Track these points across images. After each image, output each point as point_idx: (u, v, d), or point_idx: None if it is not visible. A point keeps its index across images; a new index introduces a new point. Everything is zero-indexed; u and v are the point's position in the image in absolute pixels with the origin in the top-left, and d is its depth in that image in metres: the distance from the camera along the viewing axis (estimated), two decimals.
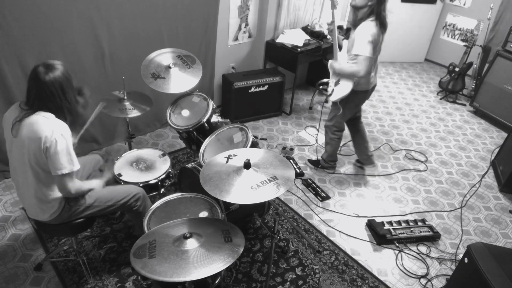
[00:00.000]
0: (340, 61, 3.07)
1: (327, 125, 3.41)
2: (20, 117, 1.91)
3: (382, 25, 2.83)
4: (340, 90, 3.06)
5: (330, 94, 3.14)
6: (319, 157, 3.74)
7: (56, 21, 2.93)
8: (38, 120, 1.89)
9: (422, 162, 4.00)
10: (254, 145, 2.68)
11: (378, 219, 3.12)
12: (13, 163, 2.06)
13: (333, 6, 3.03)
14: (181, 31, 3.69)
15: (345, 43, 3.12)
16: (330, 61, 3.15)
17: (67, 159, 1.92)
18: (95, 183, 2.24)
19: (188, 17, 3.67)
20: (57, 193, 2.04)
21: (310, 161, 3.78)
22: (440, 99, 5.34)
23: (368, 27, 2.79)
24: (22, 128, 1.91)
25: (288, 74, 4.40)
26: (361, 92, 3.09)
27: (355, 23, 2.88)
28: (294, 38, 4.28)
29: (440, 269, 2.82)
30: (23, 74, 2.91)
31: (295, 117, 4.57)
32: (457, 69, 5.12)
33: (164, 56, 2.95)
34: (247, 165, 1.90)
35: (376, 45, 2.86)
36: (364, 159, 3.66)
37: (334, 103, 3.19)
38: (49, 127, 1.88)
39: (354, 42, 2.84)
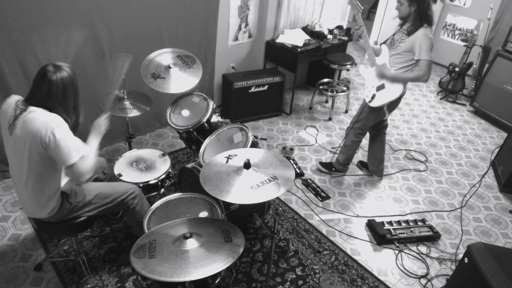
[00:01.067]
0: (388, 67, 3.05)
1: (353, 127, 3.37)
2: (15, 115, 1.89)
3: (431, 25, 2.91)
4: (385, 95, 3.05)
5: (371, 100, 3.12)
6: (331, 160, 3.70)
7: (56, 21, 2.92)
8: (31, 117, 1.87)
9: (422, 162, 4.00)
10: (254, 145, 2.68)
11: (378, 219, 3.12)
12: (11, 161, 2.05)
13: (358, 10, 3.00)
14: (181, 31, 3.69)
15: (384, 48, 3.10)
16: (376, 66, 3.09)
17: (71, 148, 1.89)
18: (94, 142, 2.14)
19: (188, 17, 3.67)
20: (54, 190, 2.03)
21: (322, 164, 3.70)
22: (440, 99, 5.34)
23: (426, 33, 2.85)
24: (16, 127, 1.89)
25: (288, 74, 4.40)
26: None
27: (409, 30, 2.92)
28: (294, 38, 4.28)
29: (440, 269, 2.82)
30: (23, 74, 2.91)
31: (295, 117, 4.57)
32: (457, 69, 5.12)
33: (164, 56, 2.95)
34: (247, 165, 1.90)
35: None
36: (374, 170, 3.64)
37: (374, 107, 3.13)
38: (42, 122, 1.85)
39: (415, 48, 2.87)
